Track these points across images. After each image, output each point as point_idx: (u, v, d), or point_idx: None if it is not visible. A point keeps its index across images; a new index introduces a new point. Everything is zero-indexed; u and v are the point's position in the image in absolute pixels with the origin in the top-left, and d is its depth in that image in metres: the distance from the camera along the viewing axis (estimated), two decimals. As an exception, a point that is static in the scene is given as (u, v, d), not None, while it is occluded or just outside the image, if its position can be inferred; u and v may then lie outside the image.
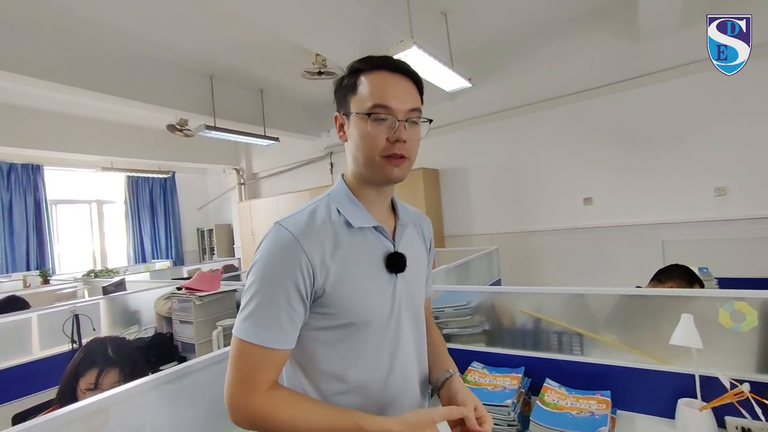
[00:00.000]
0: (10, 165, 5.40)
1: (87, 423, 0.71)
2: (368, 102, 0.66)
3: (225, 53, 3.83)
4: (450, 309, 1.47)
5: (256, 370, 0.60)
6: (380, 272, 0.69)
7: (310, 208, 0.68)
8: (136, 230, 6.88)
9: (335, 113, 0.73)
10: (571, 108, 3.89)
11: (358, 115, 0.67)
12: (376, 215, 0.72)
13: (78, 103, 4.46)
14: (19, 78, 2.99)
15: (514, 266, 4.18)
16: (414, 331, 0.74)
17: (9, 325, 1.87)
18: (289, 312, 0.61)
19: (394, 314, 0.69)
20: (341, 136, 0.72)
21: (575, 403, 1.07)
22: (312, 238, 0.63)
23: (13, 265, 5.28)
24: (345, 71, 0.72)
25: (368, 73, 0.68)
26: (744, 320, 0.98)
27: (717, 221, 3.21)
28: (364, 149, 0.67)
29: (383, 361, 0.68)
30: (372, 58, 0.70)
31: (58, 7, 2.87)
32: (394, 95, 0.66)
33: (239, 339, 0.61)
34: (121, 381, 1.18)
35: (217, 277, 2.38)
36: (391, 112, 0.66)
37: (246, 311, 0.61)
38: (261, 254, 0.64)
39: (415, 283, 0.75)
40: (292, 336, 0.63)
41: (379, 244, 0.70)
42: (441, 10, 3.31)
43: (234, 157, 7.12)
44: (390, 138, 0.66)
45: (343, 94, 0.71)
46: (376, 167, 0.67)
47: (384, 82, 0.67)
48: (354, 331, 0.66)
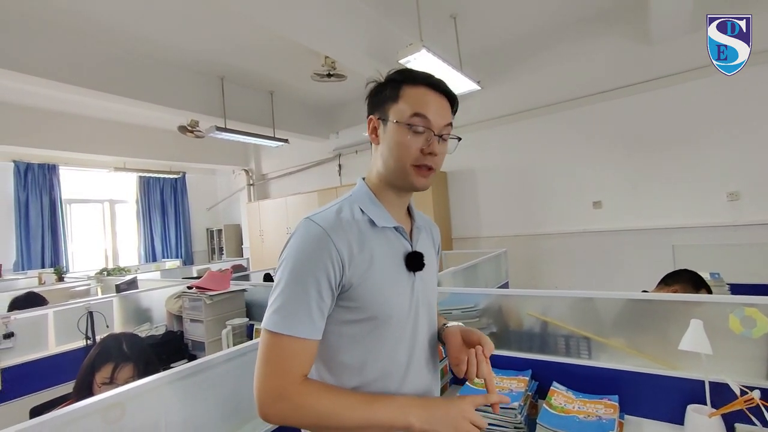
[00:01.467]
0: (27, 165, 5.54)
1: (104, 416, 0.74)
2: (409, 113, 0.70)
3: (236, 56, 3.89)
4: (458, 311, 1.48)
5: (291, 360, 0.61)
6: (400, 270, 0.72)
7: (335, 207, 0.71)
8: (147, 229, 6.99)
9: (370, 116, 0.76)
10: (581, 111, 3.87)
11: (397, 124, 0.70)
12: (395, 217, 0.75)
13: (93, 105, 4.56)
14: (35, 80, 3.07)
15: (522, 269, 4.16)
16: (429, 328, 0.79)
17: (27, 321, 1.92)
18: (319, 303, 0.63)
19: (412, 310, 0.73)
20: (373, 138, 0.75)
21: (582, 407, 1.07)
22: (340, 233, 0.66)
23: (28, 263, 5.41)
24: (382, 78, 0.76)
25: (411, 87, 0.72)
26: (755, 326, 0.98)
27: (729, 226, 3.17)
28: (398, 156, 0.71)
29: (402, 355, 0.71)
30: (415, 72, 0.74)
31: (75, 12, 2.95)
32: (433, 111, 0.71)
33: (271, 332, 0.62)
34: (135, 376, 1.20)
35: (227, 276, 2.41)
36: (429, 125, 0.70)
37: (277, 303, 0.63)
38: (292, 248, 0.65)
39: (429, 282, 0.80)
40: (321, 326, 0.65)
41: (399, 243, 0.74)
42: (450, 13, 3.32)
43: (243, 158, 7.21)
44: (424, 150, 0.71)
45: (381, 100, 0.74)
46: (405, 174, 0.72)
47: (425, 97, 0.71)
48: (376, 325, 0.68)
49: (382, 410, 0.62)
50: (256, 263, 6.32)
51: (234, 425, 1.01)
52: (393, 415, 0.62)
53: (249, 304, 2.37)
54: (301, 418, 0.60)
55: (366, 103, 0.78)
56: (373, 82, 0.77)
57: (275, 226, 6.27)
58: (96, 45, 3.39)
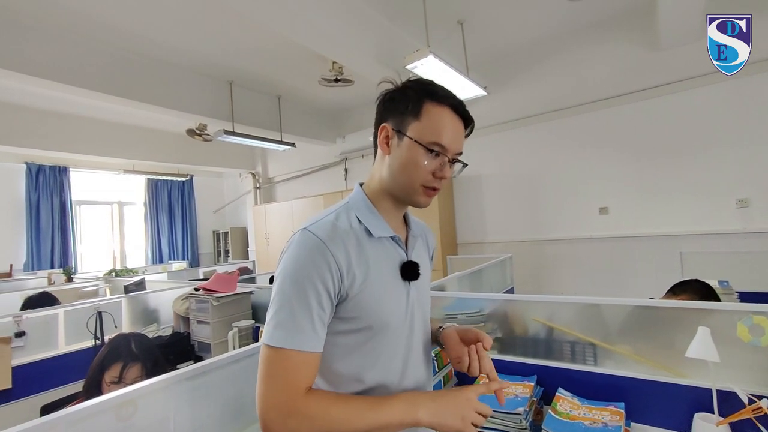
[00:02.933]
0: (38, 167, 5.63)
1: (117, 413, 0.75)
2: (430, 136, 0.69)
3: (245, 60, 3.94)
4: (463, 316, 1.48)
5: (296, 374, 0.60)
6: (396, 279, 0.72)
7: (332, 216, 0.70)
8: (155, 231, 7.06)
9: (383, 123, 0.73)
10: (588, 117, 3.86)
11: (415, 143, 0.69)
12: (392, 226, 0.75)
13: (103, 108, 4.64)
14: (46, 83, 3.14)
15: (527, 275, 4.14)
16: (423, 335, 0.79)
17: (38, 320, 1.96)
18: (320, 314, 0.62)
19: (407, 319, 0.73)
20: (384, 147, 0.73)
21: (588, 413, 1.06)
22: (338, 243, 0.65)
23: (38, 263, 5.48)
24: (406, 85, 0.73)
25: (433, 105, 0.70)
26: (763, 334, 0.97)
27: (739, 233, 3.13)
28: (410, 174, 0.70)
29: (397, 363, 0.71)
30: (438, 88, 0.71)
31: (87, 15, 3.01)
32: (452, 136, 0.70)
33: (273, 347, 0.60)
34: (144, 376, 1.22)
35: (234, 278, 2.43)
36: (445, 151, 0.70)
37: (278, 318, 0.61)
38: (289, 260, 0.64)
39: (423, 290, 0.80)
40: (323, 338, 0.64)
41: (395, 253, 0.74)
42: (457, 19, 3.35)
43: (250, 162, 7.27)
44: (436, 173, 0.71)
45: (399, 111, 0.71)
46: (412, 192, 0.72)
47: (448, 122, 0.70)
48: (372, 335, 0.68)
49: (389, 410, 0.62)
50: (261, 266, 6.36)
51: (239, 426, 1.03)
52: (401, 413, 0.62)
53: (255, 307, 2.39)
54: (310, 430, 0.59)
55: (378, 106, 0.75)
56: (387, 83, 0.74)
57: (281, 229, 6.31)
58: (106, 48, 3.46)
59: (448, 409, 0.64)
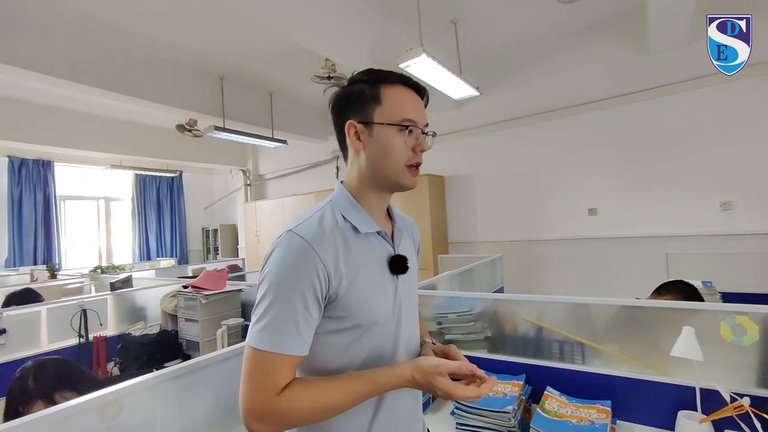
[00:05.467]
0: (21, 160, 5.49)
1: (101, 413, 0.74)
2: (398, 115, 0.70)
3: (236, 56, 3.90)
4: (453, 315, 1.49)
5: (274, 375, 0.60)
6: (384, 274, 0.72)
7: (317, 215, 0.69)
8: (142, 228, 6.94)
9: (348, 121, 0.73)
10: (578, 119, 3.91)
11: (388, 126, 0.70)
12: (376, 221, 0.75)
13: (90, 101, 4.54)
14: (33, 75, 3.06)
15: (517, 274, 4.18)
16: (411, 329, 0.79)
17: (19, 318, 1.91)
18: (306, 317, 0.62)
19: (395, 314, 0.73)
20: (356, 143, 0.73)
21: (575, 411, 1.08)
22: (324, 244, 0.64)
23: (20, 259, 5.35)
24: (353, 80, 0.74)
25: (389, 86, 0.71)
26: (745, 334, 0.99)
27: (722, 235, 3.20)
28: (391, 157, 0.70)
29: (386, 358, 0.71)
30: (383, 71, 0.73)
31: (74, 8, 2.94)
32: (416, 110, 0.72)
33: (256, 349, 0.60)
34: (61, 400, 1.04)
35: (224, 276, 2.41)
36: (416, 124, 0.71)
37: (263, 321, 0.61)
38: (275, 263, 0.63)
39: (411, 284, 0.80)
40: (309, 341, 0.64)
41: (382, 248, 0.73)
42: (451, 19, 3.36)
43: (241, 158, 7.19)
44: (416, 148, 0.72)
45: (360, 104, 0.72)
46: (399, 175, 0.72)
47: (408, 98, 0.72)
48: (362, 332, 0.68)
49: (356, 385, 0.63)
50: (251, 263, 6.30)
51: (228, 426, 1.01)
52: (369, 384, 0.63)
53: (244, 305, 2.37)
54: (288, 421, 0.61)
55: (333, 109, 0.76)
56: (332, 87, 0.75)
57: (271, 226, 6.26)
58: (95, 41, 3.38)
59: (410, 371, 0.65)
